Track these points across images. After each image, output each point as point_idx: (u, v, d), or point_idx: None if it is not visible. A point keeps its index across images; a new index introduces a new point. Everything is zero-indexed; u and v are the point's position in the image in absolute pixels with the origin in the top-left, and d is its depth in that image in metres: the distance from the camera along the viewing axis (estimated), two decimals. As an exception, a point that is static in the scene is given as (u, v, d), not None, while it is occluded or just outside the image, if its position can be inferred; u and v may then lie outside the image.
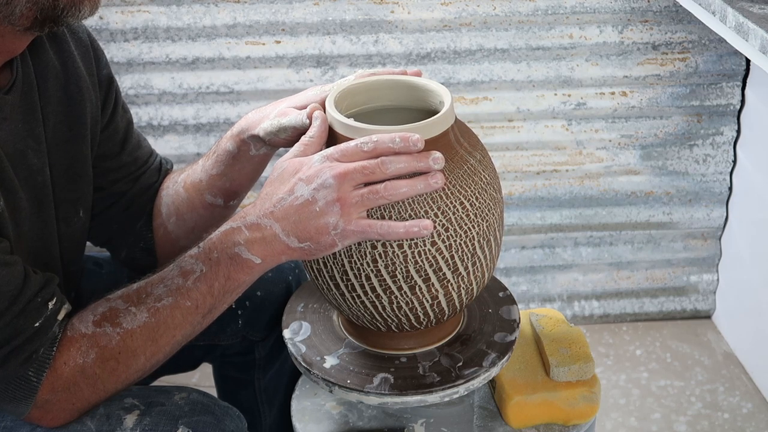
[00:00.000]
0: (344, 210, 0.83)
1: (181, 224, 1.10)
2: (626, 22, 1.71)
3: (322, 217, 0.83)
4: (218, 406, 0.92)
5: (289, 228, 0.84)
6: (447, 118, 0.89)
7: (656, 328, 1.95)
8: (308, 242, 0.85)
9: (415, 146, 0.83)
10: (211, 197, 1.07)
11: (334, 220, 0.83)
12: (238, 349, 1.20)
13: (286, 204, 0.84)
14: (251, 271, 0.87)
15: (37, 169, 0.92)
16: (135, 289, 0.88)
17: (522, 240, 1.90)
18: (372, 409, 1.08)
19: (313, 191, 0.83)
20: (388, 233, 0.84)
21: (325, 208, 0.83)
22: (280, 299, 1.17)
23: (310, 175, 0.84)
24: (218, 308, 0.89)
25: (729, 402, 1.72)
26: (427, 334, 0.99)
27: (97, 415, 0.87)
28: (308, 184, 0.84)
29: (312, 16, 1.67)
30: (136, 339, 0.85)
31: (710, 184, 1.86)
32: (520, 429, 1.06)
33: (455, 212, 0.88)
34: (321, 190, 0.83)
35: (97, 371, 0.85)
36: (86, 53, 1.02)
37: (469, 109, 1.75)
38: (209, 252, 0.87)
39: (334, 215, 0.83)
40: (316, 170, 0.84)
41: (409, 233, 0.84)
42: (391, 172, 0.83)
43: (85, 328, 0.85)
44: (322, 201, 0.83)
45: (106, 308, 0.86)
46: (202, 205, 1.07)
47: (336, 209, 0.83)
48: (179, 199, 1.09)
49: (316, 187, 0.83)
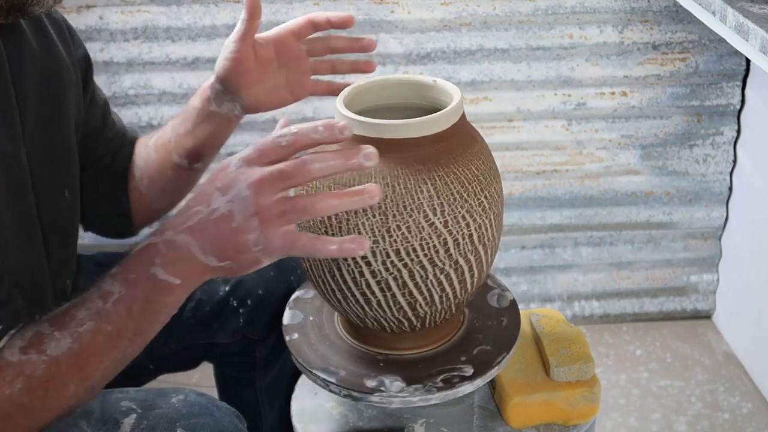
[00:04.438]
0: (264, 225, 0.73)
1: (153, 186, 1.09)
2: (626, 22, 1.71)
3: (240, 234, 0.74)
4: (217, 407, 0.91)
5: (207, 246, 0.76)
6: (455, 113, 0.90)
7: (656, 328, 1.95)
8: (228, 261, 0.76)
9: (341, 134, 0.74)
10: (177, 158, 1.06)
11: (254, 236, 0.74)
12: (239, 348, 1.20)
13: (202, 218, 0.75)
14: (172, 292, 0.78)
15: (10, 155, 0.89)
16: (62, 312, 0.81)
17: (522, 240, 1.90)
18: (372, 409, 1.08)
19: (229, 204, 0.74)
20: (318, 251, 0.75)
21: (243, 223, 0.73)
22: (282, 298, 1.17)
23: (225, 183, 0.75)
24: (146, 333, 0.81)
25: (729, 402, 1.72)
26: (427, 335, 0.99)
27: (93, 420, 0.87)
28: (224, 194, 0.74)
29: (312, 16, 1.67)
30: (62, 367, 0.78)
31: (710, 184, 1.86)
32: (520, 429, 1.06)
33: (456, 209, 0.88)
34: (237, 203, 0.73)
35: (26, 401, 0.78)
36: (62, 33, 1.02)
37: (469, 109, 1.75)
38: (126, 272, 0.79)
39: (254, 231, 0.73)
40: (231, 178, 0.74)
41: (342, 251, 0.75)
42: (316, 173, 0.74)
43: (11, 355, 0.78)
44: (239, 215, 0.73)
45: (33, 332, 0.80)
46: (170, 166, 1.07)
47: (255, 224, 0.73)
48: (150, 160, 1.09)
49: (231, 198, 0.74)
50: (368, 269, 0.88)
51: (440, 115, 0.89)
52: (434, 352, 1.00)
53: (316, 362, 0.98)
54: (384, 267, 0.88)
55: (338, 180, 0.86)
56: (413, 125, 0.88)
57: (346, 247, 0.75)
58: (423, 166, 0.87)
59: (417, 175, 0.87)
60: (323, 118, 1.74)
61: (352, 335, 1.02)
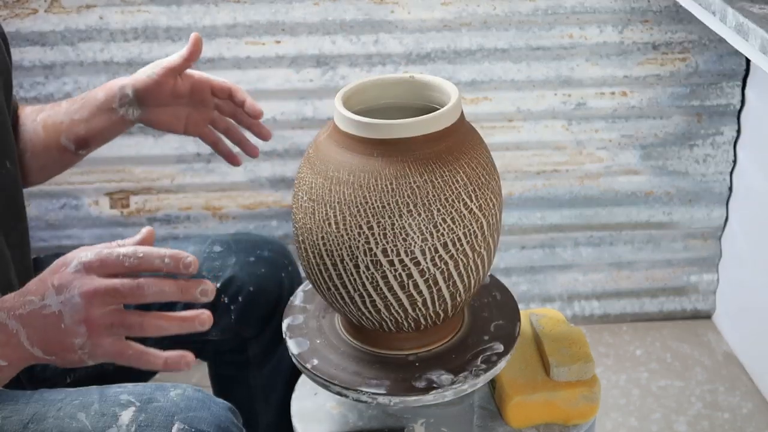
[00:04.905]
0: (92, 332, 0.76)
1: (33, 161, 1.12)
2: (626, 22, 1.71)
3: (67, 335, 0.76)
4: (214, 402, 0.92)
5: (34, 337, 0.77)
6: (452, 112, 0.91)
7: (656, 328, 1.95)
8: (54, 356, 0.78)
9: (186, 269, 0.77)
10: (66, 141, 1.10)
11: (80, 341, 0.76)
12: (231, 346, 1.21)
13: (34, 310, 0.77)
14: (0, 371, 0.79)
15: None
16: None
17: (522, 240, 1.90)
18: (372, 409, 1.08)
19: (61, 305, 0.76)
20: (143, 363, 0.78)
21: (71, 327, 0.75)
22: (274, 295, 1.17)
23: (61, 283, 0.76)
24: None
25: (729, 402, 1.72)
26: (427, 335, 0.99)
27: (92, 412, 0.87)
28: (58, 294, 0.76)
29: (312, 16, 1.67)
30: None
31: (710, 184, 1.86)
32: (520, 429, 1.06)
33: (457, 210, 0.88)
34: (68, 305, 0.75)
35: None
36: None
37: (469, 109, 1.75)
38: None
39: (81, 336, 0.76)
40: (68, 280, 0.76)
41: (168, 366, 0.78)
42: (150, 299, 0.76)
43: None
44: (69, 319, 0.75)
45: None
46: (57, 147, 1.10)
47: (83, 330, 0.75)
48: (36, 137, 1.12)
49: (63, 300, 0.75)
50: (417, 269, 0.89)
51: (441, 114, 0.89)
52: (435, 352, 1.00)
53: (315, 361, 0.98)
54: (433, 263, 0.88)
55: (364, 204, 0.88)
56: (414, 124, 0.88)
57: (171, 361, 0.78)
58: (446, 157, 0.89)
59: (450, 165, 0.89)
60: (323, 118, 1.74)
61: (352, 334, 1.02)
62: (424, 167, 0.87)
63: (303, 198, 0.92)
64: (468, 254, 0.90)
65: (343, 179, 0.89)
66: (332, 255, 0.90)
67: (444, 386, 0.94)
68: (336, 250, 0.89)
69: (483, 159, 0.93)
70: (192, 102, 1.13)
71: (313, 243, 0.91)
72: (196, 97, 1.13)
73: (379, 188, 0.87)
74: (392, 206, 0.87)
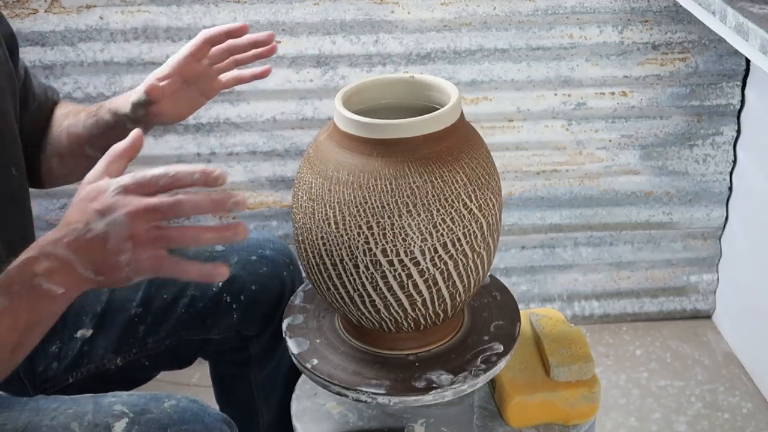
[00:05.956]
0: (137, 248, 0.81)
1: (63, 166, 1.15)
2: (626, 22, 1.71)
3: (114, 254, 0.81)
4: (208, 414, 0.92)
5: (84, 261, 0.82)
6: (452, 112, 0.91)
7: (656, 328, 1.95)
8: (103, 276, 0.82)
9: (215, 182, 0.81)
10: (90, 150, 1.11)
11: (126, 257, 0.81)
12: (233, 344, 1.21)
13: (80, 236, 0.81)
14: (54, 301, 0.83)
15: None
16: None
17: (522, 240, 1.90)
18: (372, 409, 1.08)
19: (107, 226, 0.80)
20: (180, 272, 0.82)
21: (118, 245, 0.80)
22: (275, 294, 1.18)
23: (104, 207, 0.81)
24: (27, 344, 0.84)
25: (729, 402, 1.72)
26: (427, 335, 0.99)
27: (86, 422, 0.87)
28: (102, 217, 0.81)
29: (312, 16, 1.67)
30: None
31: (710, 184, 1.86)
32: (520, 429, 1.06)
33: (457, 211, 0.88)
34: (114, 226, 0.80)
35: None
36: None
37: (469, 109, 1.75)
38: (9, 285, 0.82)
39: (127, 253, 0.81)
40: (110, 204, 0.81)
41: (201, 275, 0.82)
42: (187, 213, 0.81)
43: None
44: (115, 238, 0.80)
45: None
46: (83, 155, 1.12)
47: (128, 246, 0.80)
48: (61, 144, 1.14)
49: (109, 222, 0.80)
50: (416, 269, 0.89)
51: (440, 114, 0.89)
52: (435, 352, 1.00)
53: (315, 361, 0.98)
54: (432, 263, 0.88)
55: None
56: (414, 124, 0.88)
57: (205, 271, 0.82)
58: (446, 157, 0.89)
59: (450, 165, 0.89)
60: (323, 118, 1.74)
61: (352, 334, 1.02)
62: (423, 167, 0.87)
63: (303, 198, 0.92)
64: (468, 254, 0.90)
65: (343, 179, 0.89)
66: (332, 255, 0.90)
67: (444, 386, 0.94)
68: (336, 250, 0.89)
69: (483, 159, 0.93)
70: (191, 81, 1.11)
71: (312, 243, 0.91)
72: (189, 77, 1.11)
73: (379, 188, 0.87)
74: (392, 206, 0.87)
